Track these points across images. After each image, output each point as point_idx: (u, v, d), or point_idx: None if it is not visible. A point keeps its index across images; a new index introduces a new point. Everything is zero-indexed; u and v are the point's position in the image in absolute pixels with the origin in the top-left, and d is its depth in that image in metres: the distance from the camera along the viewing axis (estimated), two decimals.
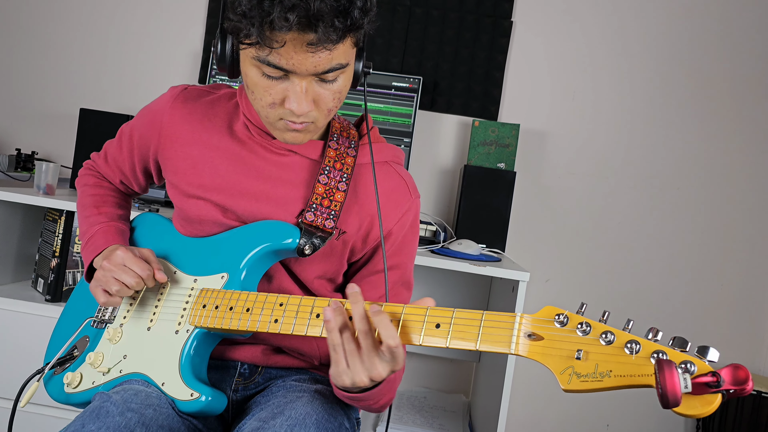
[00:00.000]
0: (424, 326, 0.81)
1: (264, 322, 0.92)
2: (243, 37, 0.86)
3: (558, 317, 0.72)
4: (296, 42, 0.84)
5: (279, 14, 0.81)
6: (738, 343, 2.32)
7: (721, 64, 2.31)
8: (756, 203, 2.31)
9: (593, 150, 2.35)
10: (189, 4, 2.43)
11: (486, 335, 0.76)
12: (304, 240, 0.99)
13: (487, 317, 0.77)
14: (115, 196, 1.23)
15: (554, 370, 0.70)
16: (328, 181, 1.03)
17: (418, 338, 0.81)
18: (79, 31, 2.46)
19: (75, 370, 1.07)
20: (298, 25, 0.82)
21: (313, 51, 0.85)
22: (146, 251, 1.06)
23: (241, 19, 0.84)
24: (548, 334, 0.72)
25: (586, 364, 0.69)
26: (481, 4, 2.33)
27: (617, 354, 0.68)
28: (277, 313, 0.92)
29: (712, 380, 0.61)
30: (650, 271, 2.34)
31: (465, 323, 0.78)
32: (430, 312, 0.82)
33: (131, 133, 1.17)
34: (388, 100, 2.17)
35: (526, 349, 0.73)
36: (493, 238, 2.06)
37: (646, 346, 0.67)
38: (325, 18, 0.82)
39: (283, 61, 0.86)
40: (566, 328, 0.72)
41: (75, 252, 1.91)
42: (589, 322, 0.70)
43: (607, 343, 0.69)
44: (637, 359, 0.67)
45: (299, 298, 0.92)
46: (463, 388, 2.37)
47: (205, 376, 1.00)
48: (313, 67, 0.87)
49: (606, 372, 0.67)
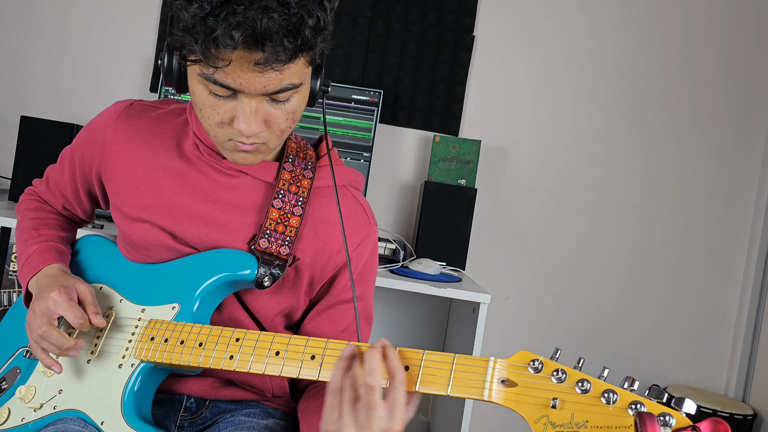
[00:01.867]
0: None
1: (218, 359, 0.86)
2: (187, 53, 0.81)
3: (533, 363, 0.69)
4: (243, 61, 0.79)
5: (223, 32, 0.75)
6: (696, 361, 2.36)
7: (681, 83, 2.35)
8: (714, 221, 2.36)
9: (554, 167, 2.36)
10: (140, 10, 2.34)
11: (458, 380, 0.72)
12: (262, 270, 0.93)
13: (459, 361, 0.73)
14: (56, 219, 1.15)
15: (528, 418, 0.67)
16: (283, 205, 0.98)
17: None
18: (22, 33, 2.34)
19: (2, 405, 0.98)
20: (243, 44, 0.76)
21: (261, 70, 0.79)
22: (84, 289, 0.97)
23: (184, 35, 0.79)
24: (522, 380, 0.69)
25: (562, 413, 0.66)
26: (442, 18, 2.31)
27: (594, 404, 0.65)
28: (232, 349, 0.86)
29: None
30: (609, 288, 2.36)
31: (436, 366, 0.74)
32: (398, 352, 0.77)
33: (72, 154, 1.09)
34: (347, 113, 2.13)
35: (500, 396, 0.70)
36: (454, 255, 2.04)
37: (624, 396, 0.65)
38: (274, 37, 0.76)
39: (229, 80, 0.81)
40: (541, 374, 0.68)
41: (11, 270, 1.80)
42: (565, 369, 0.68)
43: (583, 392, 0.66)
44: (614, 410, 0.64)
45: (257, 334, 0.86)
46: (422, 407, 2.34)
47: (149, 414, 0.93)
48: (263, 87, 0.82)
49: (582, 422, 0.65)
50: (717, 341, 2.36)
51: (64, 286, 0.94)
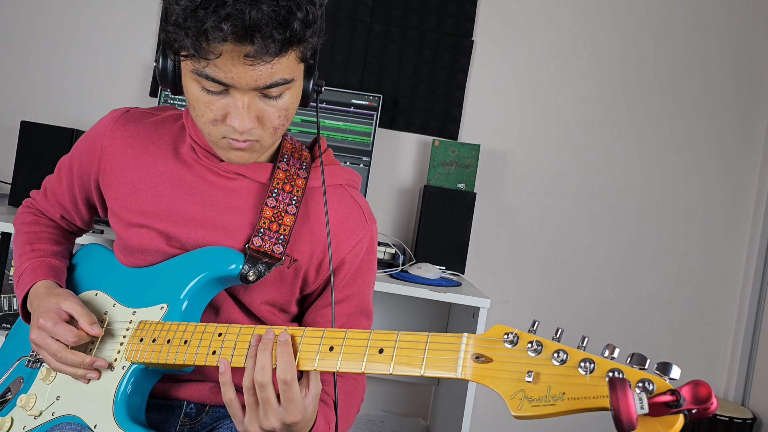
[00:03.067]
0: (366, 351, 0.75)
1: (202, 355, 0.86)
2: (178, 49, 0.81)
3: (507, 336, 0.66)
4: (233, 54, 0.79)
5: (213, 24, 0.76)
6: (695, 365, 2.33)
7: (680, 86, 2.34)
8: (713, 225, 2.34)
9: (553, 171, 2.34)
10: (139, 15, 2.35)
11: (431, 359, 0.70)
12: (248, 266, 0.93)
13: (433, 339, 0.71)
14: (51, 232, 1.15)
15: (504, 394, 0.64)
16: (277, 204, 0.97)
17: (359, 365, 0.75)
18: (21, 38, 2.35)
19: (6, 414, 0.99)
20: (233, 35, 0.77)
21: (251, 63, 0.80)
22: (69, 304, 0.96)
23: (175, 30, 0.79)
24: (497, 355, 0.67)
25: (538, 386, 0.63)
26: (441, 22, 2.31)
27: (570, 375, 0.62)
28: (215, 344, 0.86)
29: (671, 399, 0.56)
30: (609, 292, 2.34)
31: (409, 347, 0.73)
32: (373, 336, 0.76)
33: (70, 162, 1.10)
34: (347, 117, 2.13)
35: (473, 372, 0.67)
36: (453, 259, 2.02)
37: (602, 365, 0.61)
38: (263, 29, 0.77)
39: (221, 74, 0.81)
40: (516, 348, 0.66)
41: (10, 275, 1.80)
42: (541, 340, 0.65)
43: (560, 363, 0.63)
44: (591, 379, 0.61)
45: (239, 327, 0.86)
46: (422, 412, 2.31)
47: (143, 417, 0.93)
48: (254, 81, 0.82)
49: (559, 395, 0.62)
50: (716, 345, 2.33)
51: (47, 311, 0.94)
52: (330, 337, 0.79)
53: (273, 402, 0.77)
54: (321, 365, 0.77)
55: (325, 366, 0.77)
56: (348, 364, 0.76)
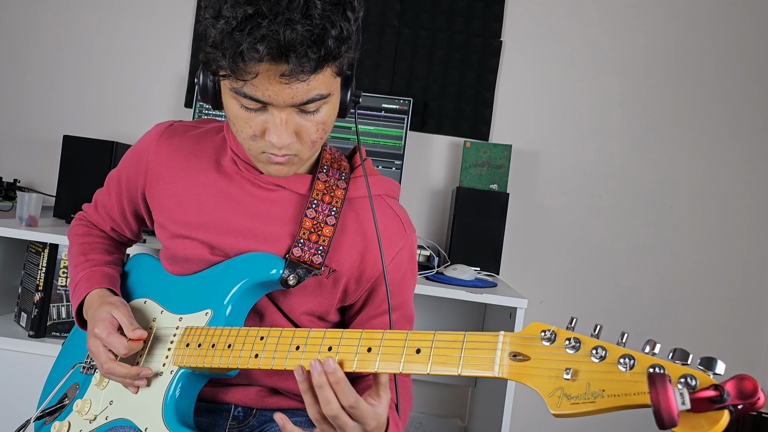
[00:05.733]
0: (404, 351, 0.76)
1: (245, 358, 0.87)
2: (217, 69, 0.83)
3: (544, 333, 0.66)
4: (270, 73, 0.81)
5: (249, 45, 0.78)
6: (736, 360, 2.28)
7: (713, 82, 2.29)
8: (749, 219, 2.29)
9: (586, 169, 2.32)
10: (174, 28, 2.41)
11: (468, 358, 0.70)
12: (288, 270, 0.95)
13: (470, 338, 0.72)
14: (103, 243, 1.19)
15: (542, 392, 0.64)
16: (316, 215, 0.99)
17: (397, 365, 0.75)
18: (62, 56, 2.44)
19: (64, 419, 1.03)
20: (269, 56, 0.78)
21: (287, 82, 0.81)
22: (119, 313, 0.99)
23: (213, 51, 0.82)
24: (534, 353, 0.66)
25: (577, 384, 0.62)
26: (469, 24, 2.31)
27: (610, 371, 0.61)
28: (257, 347, 0.87)
29: (715, 394, 0.54)
30: (645, 289, 2.30)
31: (446, 346, 0.73)
32: (410, 336, 0.76)
33: (119, 176, 1.13)
34: (378, 122, 2.14)
35: (510, 370, 0.67)
36: (487, 260, 2.01)
37: (642, 361, 0.61)
38: (297, 48, 0.78)
39: (258, 92, 0.83)
40: (554, 345, 0.66)
41: (59, 285, 1.85)
42: (579, 337, 0.65)
43: (599, 360, 0.63)
44: (632, 375, 0.60)
45: (279, 331, 0.87)
46: (459, 413, 2.30)
47: (192, 420, 0.95)
48: (291, 99, 0.84)
49: (598, 392, 0.61)
50: (756, 340, 2.28)
51: (101, 320, 0.97)
52: (368, 338, 0.79)
53: (349, 423, 0.78)
54: (359, 366, 0.78)
55: (364, 367, 0.78)
56: (386, 365, 0.76)
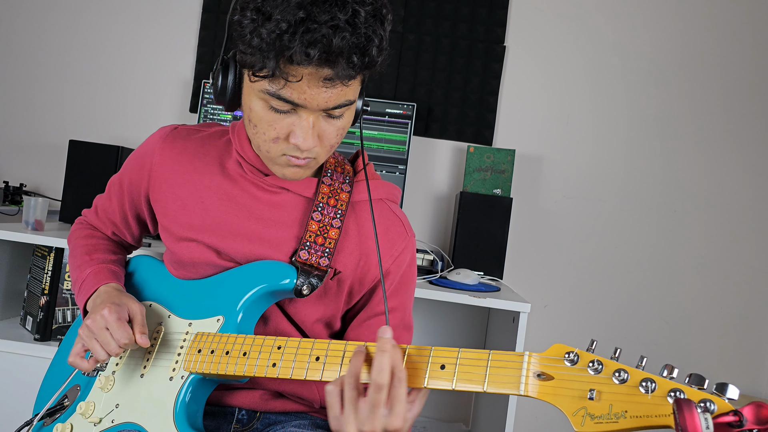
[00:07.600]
0: (428, 368, 0.77)
1: (262, 367, 0.88)
2: (257, 70, 0.84)
3: (568, 355, 0.69)
4: (312, 77, 0.83)
5: (299, 49, 0.79)
6: (742, 366, 2.29)
7: (717, 86, 2.31)
8: (754, 223, 2.30)
9: (589, 173, 2.34)
10: (179, 33, 2.42)
11: (493, 376, 0.73)
12: (301, 280, 0.95)
13: (494, 357, 0.74)
14: (107, 243, 1.19)
15: (566, 411, 0.67)
16: (322, 218, 1.00)
17: (422, 381, 0.77)
18: (68, 61, 2.45)
19: (65, 420, 1.03)
20: (317, 60, 0.80)
21: (327, 87, 0.84)
22: (136, 308, 1.00)
23: (255, 52, 0.82)
24: (558, 373, 0.69)
25: (600, 404, 0.66)
26: (473, 29, 2.33)
27: (632, 393, 0.65)
28: (275, 356, 0.88)
29: (734, 420, 0.59)
30: (649, 294, 2.31)
31: (471, 363, 0.75)
32: (434, 352, 0.78)
33: (120, 180, 1.14)
34: (382, 127, 2.16)
35: (536, 389, 0.70)
36: (491, 265, 2.03)
37: (662, 385, 0.64)
38: (345, 54, 0.81)
39: (295, 95, 0.85)
40: (577, 366, 0.69)
41: (65, 289, 1.87)
42: (601, 359, 0.68)
43: (621, 382, 0.66)
44: (653, 398, 0.64)
45: (298, 341, 0.88)
46: (463, 417, 2.32)
47: (201, 424, 0.96)
48: (324, 103, 0.86)
49: (621, 413, 0.65)
50: (763, 345, 2.29)
51: (115, 304, 0.97)
52: None
53: (382, 406, 0.75)
54: None
55: None
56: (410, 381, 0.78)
